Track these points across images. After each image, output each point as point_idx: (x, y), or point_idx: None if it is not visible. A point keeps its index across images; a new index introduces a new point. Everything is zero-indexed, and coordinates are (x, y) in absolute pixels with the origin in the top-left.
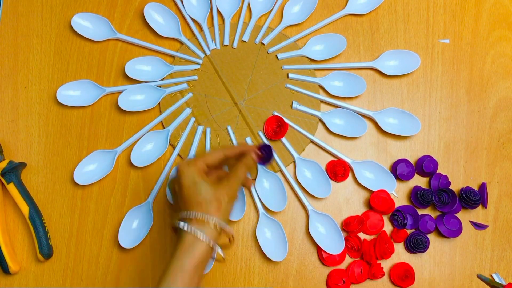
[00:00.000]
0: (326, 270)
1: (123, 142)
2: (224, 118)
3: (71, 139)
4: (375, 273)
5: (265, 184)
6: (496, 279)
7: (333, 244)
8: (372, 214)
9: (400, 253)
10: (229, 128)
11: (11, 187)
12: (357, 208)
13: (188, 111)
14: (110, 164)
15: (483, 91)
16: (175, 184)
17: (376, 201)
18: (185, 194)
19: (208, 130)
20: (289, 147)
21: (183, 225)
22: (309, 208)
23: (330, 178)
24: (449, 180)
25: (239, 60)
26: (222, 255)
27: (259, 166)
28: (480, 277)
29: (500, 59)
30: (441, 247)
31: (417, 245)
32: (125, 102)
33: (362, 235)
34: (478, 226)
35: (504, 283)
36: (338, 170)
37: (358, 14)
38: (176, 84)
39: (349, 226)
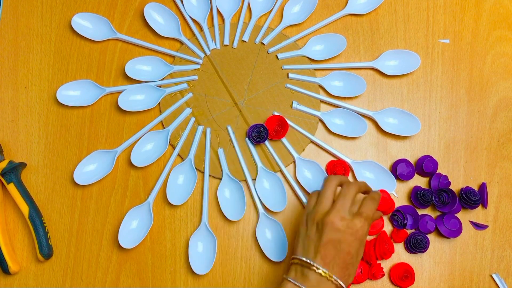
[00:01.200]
0: None
1: (123, 142)
2: (224, 118)
3: (71, 139)
4: (375, 273)
5: (265, 184)
6: (496, 279)
7: None
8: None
9: (400, 253)
10: (229, 128)
11: (11, 187)
12: None
13: (188, 111)
14: (110, 164)
15: (483, 91)
16: (350, 242)
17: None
18: (347, 261)
19: (208, 130)
20: (289, 147)
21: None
22: None
23: None
24: (449, 180)
25: (239, 60)
26: None
27: (260, 167)
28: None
29: (500, 59)
30: (441, 247)
31: (417, 245)
32: (125, 102)
33: None
34: (478, 226)
35: (505, 284)
36: (338, 170)
37: (358, 14)
38: (176, 84)
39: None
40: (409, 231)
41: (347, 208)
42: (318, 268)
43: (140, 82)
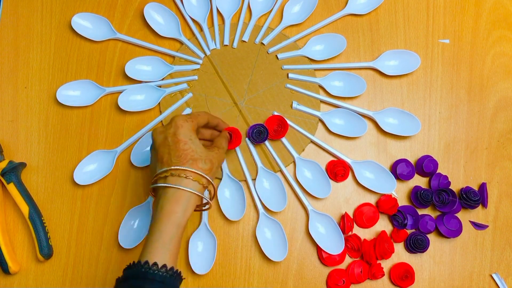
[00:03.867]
0: (326, 270)
1: (123, 142)
2: (224, 118)
3: (71, 139)
4: (375, 273)
5: (265, 184)
6: (496, 279)
7: (333, 244)
8: (366, 208)
9: (400, 253)
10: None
11: (11, 187)
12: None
13: (188, 111)
14: (110, 164)
15: (483, 91)
16: (168, 136)
17: (380, 201)
18: (180, 148)
19: None
20: (289, 147)
21: (185, 181)
22: (309, 208)
23: (330, 178)
24: (449, 180)
25: (239, 60)
26: (211, 205)
27: (260, 167)
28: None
29: (500, 59)
30: (441, 247)
31: (417, 245)
32: (125, 102)
33: (362, 235)
34: (478, 226)
35: (505, 284)
36: (338, 170)
37: (358, 14)
38: (176, 84)
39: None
40: (409, 231)
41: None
42: (160, 174)
43: (140, 82)
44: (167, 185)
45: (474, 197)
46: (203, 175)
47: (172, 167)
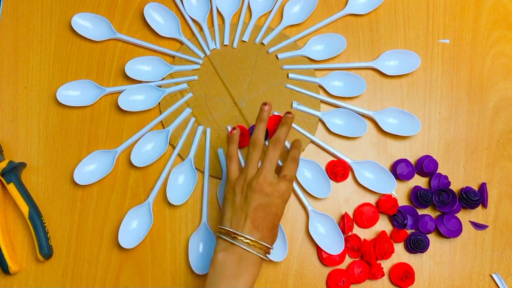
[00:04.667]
0: (326, 270)
1: (123, 142)
2: (224, 118)
3: (71, 139)
4: (375, 273)
5: None
6: (496, 279)
7: (333, 244)
8: (366, 208)
9: (400, 253)
10: (229, 128)
11: (11, 187)
12: None
13: (188, 111)
14: (110, 164)
15: (483, 91)
16: (273, 205)
17: (380, 201)
18: (275, 224)
19: (208, 130)
20: (289, 147)
21: (262, 254)
22: (309, 208)
23: (330, 178)
24: (449, 180)
25: (239, 60)
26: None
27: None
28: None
29: (500, 59)
30: (441, 247)
31: (417, 245)
32: (125, 102)
33: (362, 235)
34: (478, 226)
35: (505, 284)
36: (338, 170)
37: (358, 14)
38: (176, 84)
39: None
40: (409, 231)
41: (273, 172)
42: (245, 238)
43: (140, 82)
44: (263, 256)
45: (474, 197)
46: (271, 248)
47: (262, 243)
